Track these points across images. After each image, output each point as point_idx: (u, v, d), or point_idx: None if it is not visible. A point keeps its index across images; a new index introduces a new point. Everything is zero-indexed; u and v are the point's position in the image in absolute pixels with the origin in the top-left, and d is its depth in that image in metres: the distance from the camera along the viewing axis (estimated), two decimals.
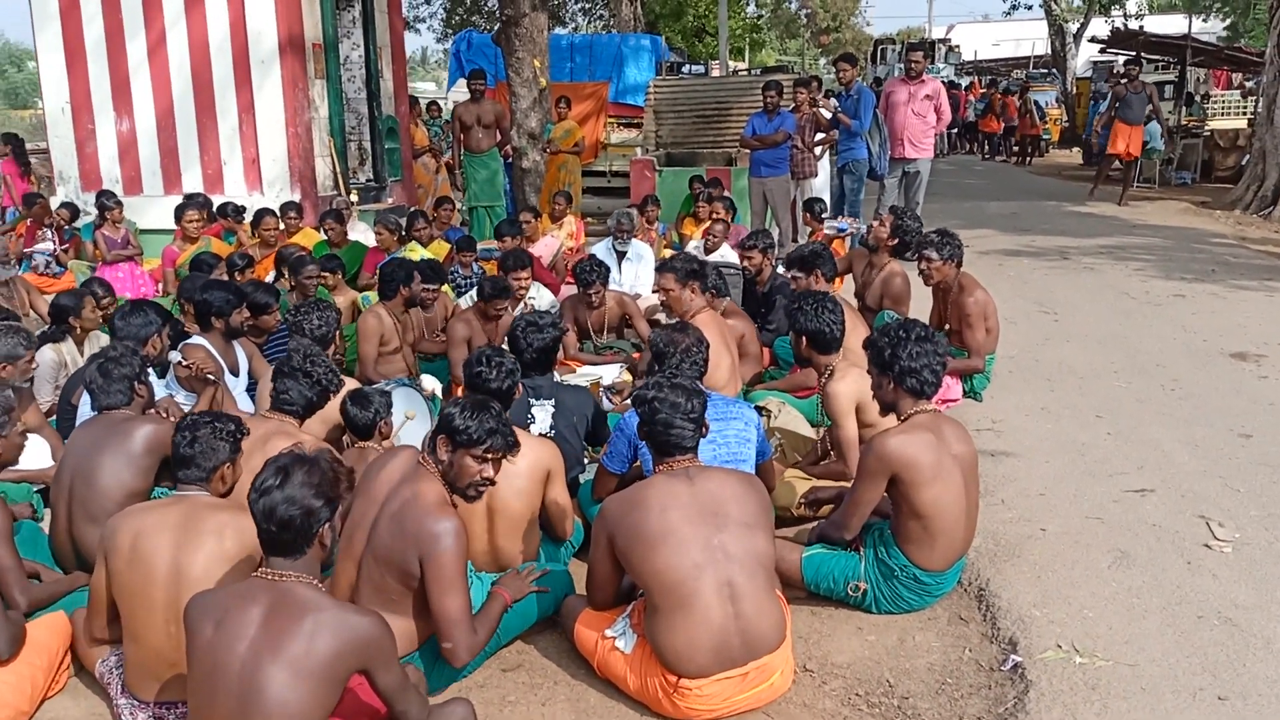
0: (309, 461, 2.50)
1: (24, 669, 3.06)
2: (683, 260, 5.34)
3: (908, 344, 3.48)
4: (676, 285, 5.20)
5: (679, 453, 3.10)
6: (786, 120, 9.83)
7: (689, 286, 5.20)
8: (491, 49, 15.91)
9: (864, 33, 53.70)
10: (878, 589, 3.56)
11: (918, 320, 3.70)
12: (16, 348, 4.62)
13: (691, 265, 5.29)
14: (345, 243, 8.32)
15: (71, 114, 10.20)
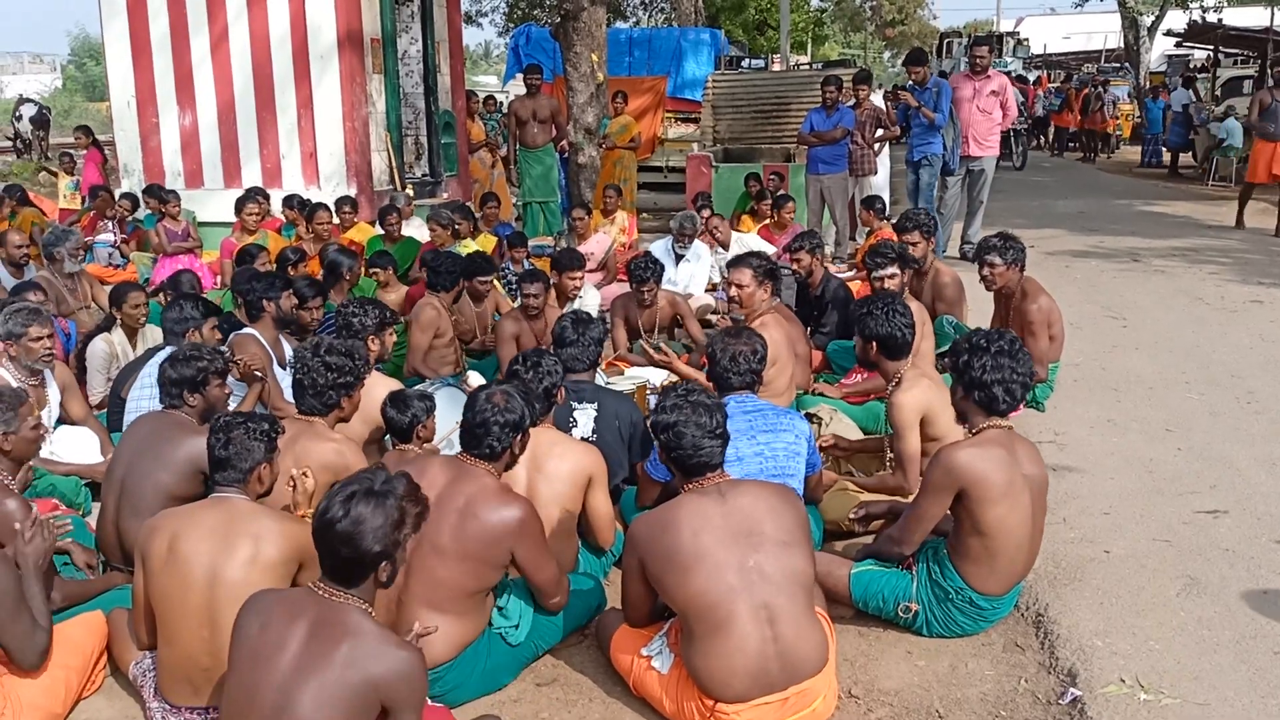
0: (377, 497, 2.40)
1: (57, 671, 3.04)
2: (760, 258, 5.23)
3: (984, 355, 3.31)
4: (752, 282, 5.12)
5: (707, 471, 2.99)
6: (846, 116, 9.63)
7: (764, 286, 5.10)
8: (550, 43, 15.86)
9: (930, 25, 52.72)
10: (930, 611, 3.41)
11: (1008, 332, 3.49)
12: (18, 325, 4.61)
13: (769, 265, 5.19)
14: (401, 238, 8.31)
15: (136, 108, 10.35)
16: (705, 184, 11.03)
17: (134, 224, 9.90)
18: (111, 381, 5.41)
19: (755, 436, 3.59)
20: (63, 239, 6.93)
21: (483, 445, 3.15)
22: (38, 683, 2.98)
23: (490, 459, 3.17)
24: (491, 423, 3.13)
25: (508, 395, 3.21)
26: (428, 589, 3.02)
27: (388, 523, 2.39)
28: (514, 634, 3.24)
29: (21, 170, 19.05)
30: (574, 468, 3.56)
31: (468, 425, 3.17)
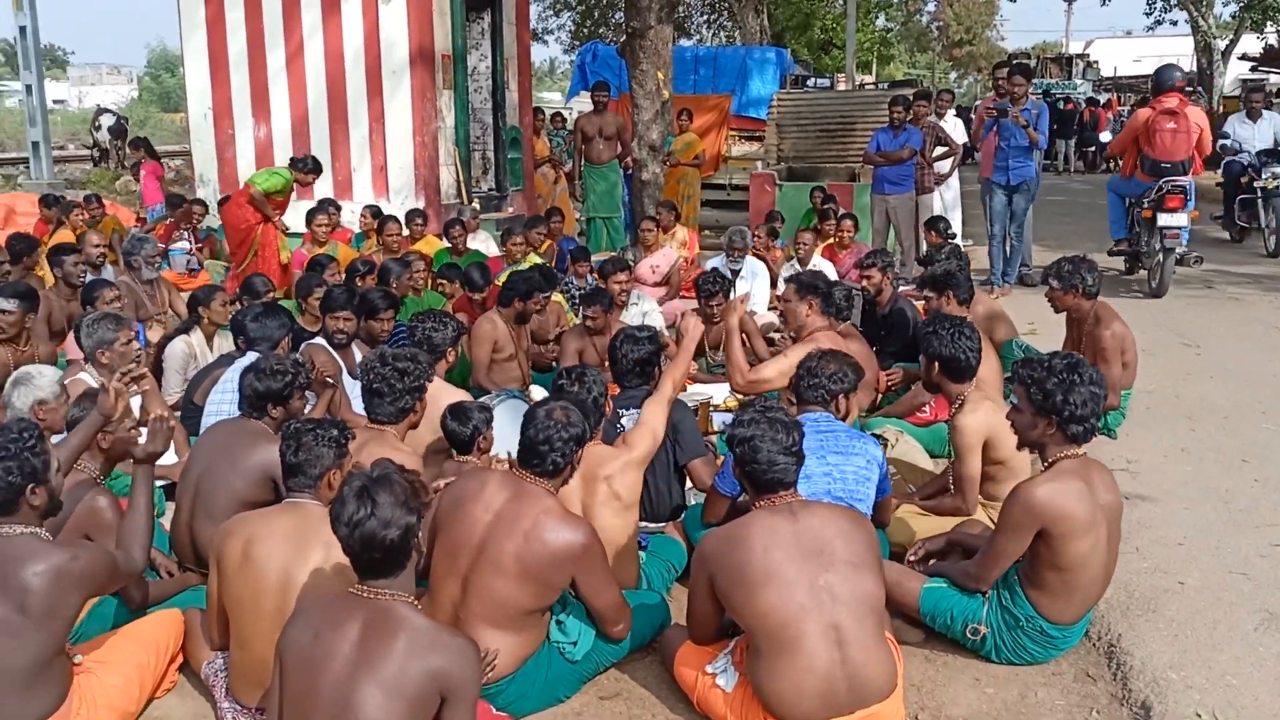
0: (384, 479, 2.45)
1: (132, 671, 3.10)
2: (809, 275, 5.21)
3: (1080, 388, 3.19)
4: (794, 297, 5.09)
5: (780, 489, 2.96)
6: (913, 136, 9.56)
7: (806, 301, 5.06)
8: (616, 61, 16.01)
9: (997, 47, 52.23)
10: (999, 636, 3.35)
11: (1085, 360, 3.38)
12: (108, 332, 4.73)
13: (815, 281, 5.15)
14: (466, 250, 8.42)
15: (213, 120, 10.63)
16: (769, 202, 11.02)
17: (207, 231, 10.15)
18: (187, 383, 5.54)
19: (825, 457, 3.57)
20: (140, 246, 7.13)
21: (546, 461, 3.12)
22: (113, 683, 3.03)
23: (551, 476, 3.15)
24: (555, 438, 3.11)
25: (567, 409, 3.20)
26: (487, 606, 3.03)
27: (407, 495, 2.44)
28: (572, 650, 3.24)
29: (100, 178, 19.64)
30: (632, 484, 3.56)
31: (528, 442, 3.14)
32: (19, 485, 2.82)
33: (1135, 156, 9.03)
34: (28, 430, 2.92)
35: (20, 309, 5.45)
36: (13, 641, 2.72)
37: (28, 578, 2.74)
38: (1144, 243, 9.19)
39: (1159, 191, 8.65)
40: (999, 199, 9.47)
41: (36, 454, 2.87)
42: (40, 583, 2.74)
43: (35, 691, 2.79)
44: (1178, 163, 8.63)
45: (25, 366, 4.19)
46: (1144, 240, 9.17)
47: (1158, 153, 8.64)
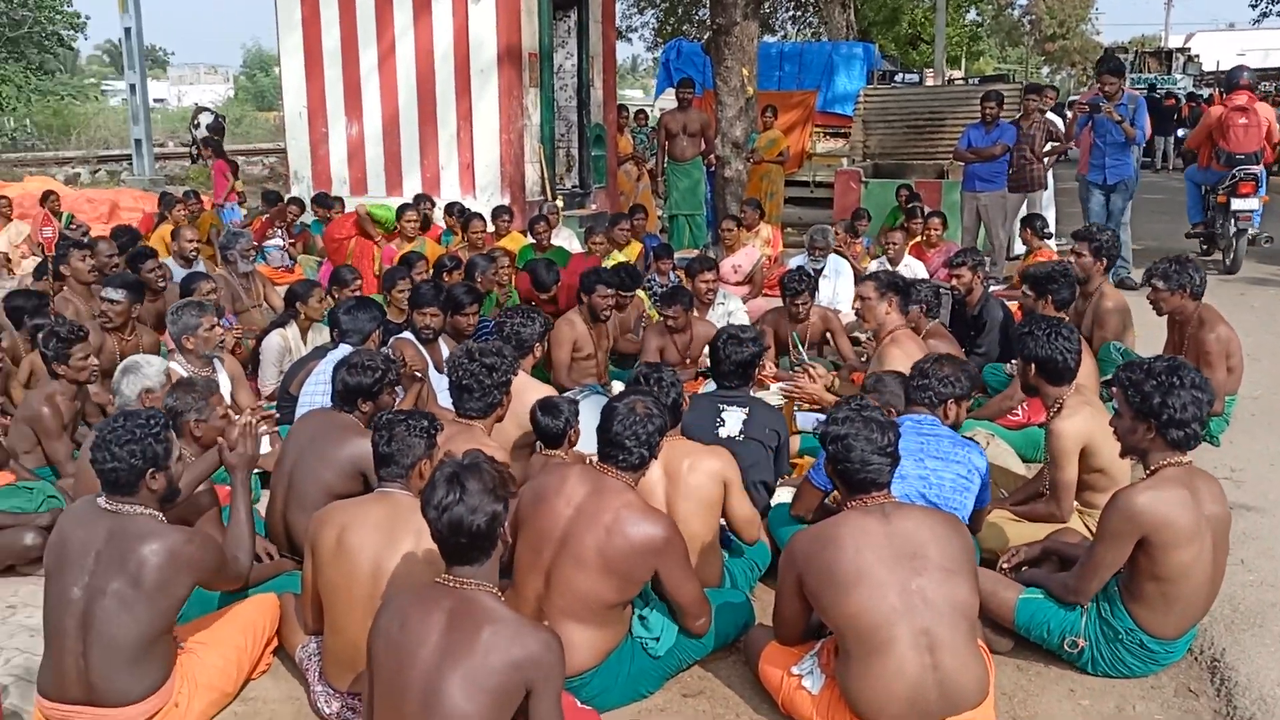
0: (472, 468, 2.50)
1: (231, 652, 3.20)
2: (889, 274, 5.13)
3: (1181, 391, 3.09)
4: (874, 294, 5.02)
5: (874, 489, 2.91)
6: (1006, 132, 9.32)
7: (886, 299, 4.99)
8: (700, 57, 15.97)
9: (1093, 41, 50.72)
10: (1097, 649, 3.25)
11: (1185, 362, 3.27)
12: (192, 318, 4.88)
13: (896, 279, 5.07)
14: (550, 247, 8.48)
15: (308, 118, 10.89)
16: (854, 199, 10.89)
17: (300, 227, 10.40)
18: (283, 374, 5.69)
19: (924, 460, 3.50)
20: (235, 241, 7.34)
21: (632, 455, 3.13)
22: (213, 663, 3.14)
23: (634, 469, 3.17)
24: (637, 432, 3.12)
25: (647, 403, 3.21)
26: (570, 600, 3.04)
27: (495, 483, 2.47)
28: (655, 646, 3.24)
29: (198, 175, 20.27)
30: (709, 474, 3.53)
31: (609, 436, 3.15)
32: (140, 469, 2.96)
33: (1210, 149, 9.83)
34: (154, 418, 3.07)
35: (127, 299, 5.67)
36: (126, 615, 2.84)
37: (145, 555, 2.87)
38: (1219, 225, 9.89)
39: (1233, 179, 9.43)
40: (1096, 198, 9.21)
41: (160, 440, 3.01)
42: (156, 560, 2.87)
43: (143, 667, 2.91)
44: (1250, 153, 9.46)
45: (134, 356, 4.35)
46: (1219, 223, 9.89)
47: (1231, 145, 9.47)
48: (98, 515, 2.97)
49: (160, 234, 9.14)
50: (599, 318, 6.03)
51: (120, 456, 2.93)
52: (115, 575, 2.85)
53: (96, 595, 2.84)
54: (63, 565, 2.92)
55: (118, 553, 2.88)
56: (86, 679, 2.85)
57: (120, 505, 2.97)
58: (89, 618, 2.84)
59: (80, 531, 2.95)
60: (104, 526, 2.93)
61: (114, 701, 2.87)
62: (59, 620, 2.88)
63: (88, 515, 2.99)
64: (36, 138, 30.04)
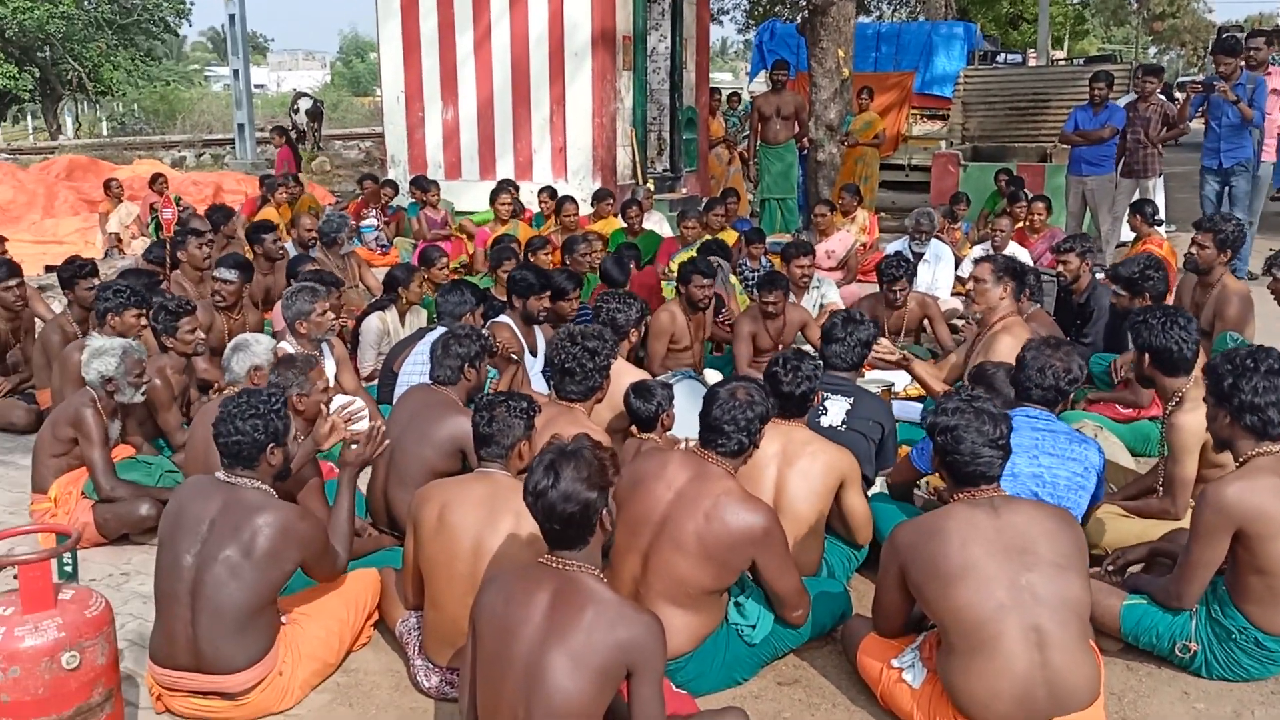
0: (574, 454, 2.50)
1: (333, 624, 3.28)
2: (1006, 258, 4.99)
3: (1254, 375, 3.01)
4: (990, 277, 4.88)
5: (983, 482, 2.84)
6: (1115, 114, 8.99)
7: (1003, 284, 4.84)
8: (794, 39, 15.76)
9: (1204, 20, 48.62)
10: (1210, 650, 3.13)
11: (1272, 349, 3.18)
12: (305, 304, 4.99)
13: (1015, 265, 4.93)
14: (641, 230, 8.49)
15: (405, 103, 11.08)
16: (952, 183, 10.65)
17: (394, 209, 10.59)
18: (382, 356, 5.81)
19: (1038, 457, 3.40)
20: (342, 225, 7.50)
21: (731, 441, 3.11)
22: (316, 634, 3.23)
23: (733, 456, 3.14)
24: (738, 418, 3.10)
25: (749, 390, 3.18)
26: (667, 584, 3.04)
27: (594, 470, 2.46)
28: (751, 633, 3.23)
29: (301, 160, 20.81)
30: (826, 467, 3.50)
31: (711, 421, 3.14)
32: (263, 443, 3.10)
33: None
34: (276, 395, 3.22)
35: (239, 279, 5.85)
36: (235, 583, 2.94)
37: (259, 525, 2.97)
38: None
39: None
40: (1209, 186, 8.76)
41: (281, 416, 3.16)
42: (269, 532, 2.97)
43: (248, 636, 3.00)
44: None
45: (244, 334, 4.48)
46: None
47: None
48: (215, 486, 3.09)
49: (264, 216, 9.39)
50: (698, 307, 6.01)
51: (244, 430, 3.06)
52: (228, 544, 2.95)
53: (208, 562, 2.94)
54: (176, 533, 3.03)
55: (232, 522, 2.98)
56: (195, 645, 2.95)
57: (238, 478, 3.08)
58: (199, 585, 2.94)
59: (197, 501, 3.06)
60: (220, 497, 3.04)
61: (221, 668, 2.97)
62: (170, 587, 2.99)
63: (205, 486, 3.12)
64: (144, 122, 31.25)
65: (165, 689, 3.05)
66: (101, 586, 3.89)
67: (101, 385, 4.28)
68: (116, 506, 4.18)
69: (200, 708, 3.04)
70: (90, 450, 4.18)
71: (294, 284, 5.30)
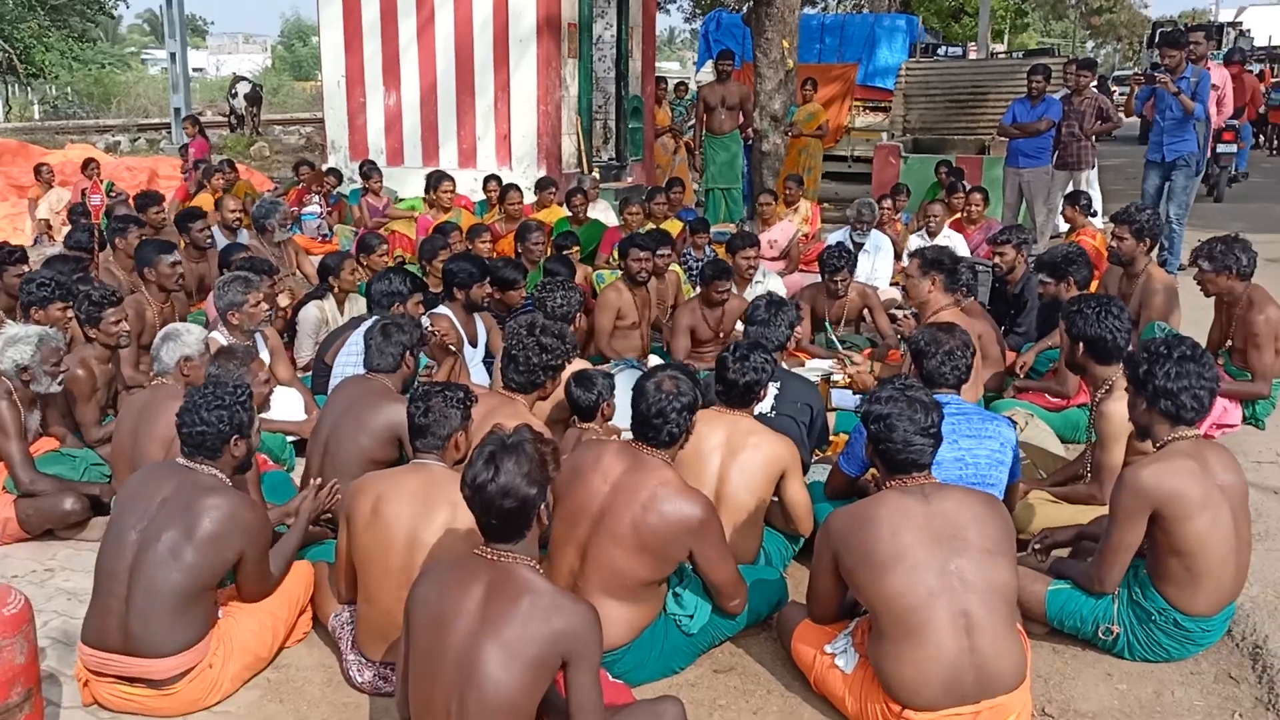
0: (515, 447, 2.47)
1: (267, 618, 3.23)
2: (934, 250, 5.04)
3: (1167, 362, 3.11)
4: (917, 272, 4.94)
5: (914, 470, 2.88)
6: (1052, 107, 9.13)
7: (930, 277, 4.89)
8: (740, 29, 15.80)
9: (1140, 15, 49.65)
10: (1132, 633, 3.21)
11: (1187, 337, 3.28)
12: (238, 294, 4.89)
13: (940, 256, 4.97)
14: (586, 219, 8.46)
15: (346, 87, 10.91)
16: (893, 175, 10.75)
17: (336, 196, 10.43)
18: (318, 345, 5.72)
19: (957, 441, 3.45)
20: (273, 210, 7.34)
21: (662, 433, 3.12)
22: (248, 628, 3.18)
23: (667, 446, 3.15)
24: (669, 409, 3.10)
25: (676, 379, 3.19)
26: (605, 577, 3.04)
27: (534, 465, 2.45)
28: (689, 623, 3.24)
29: (235, 144, 20.43)
30: (768, 457, 3.52)
31: (641, 414, 3.14)
32: (227, 434, 3.11)
33: None
34: (241, 387, 3.23)
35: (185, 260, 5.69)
36: (174, 564, 2.91)
37: (206, 505, 2.97)
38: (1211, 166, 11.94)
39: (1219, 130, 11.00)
40: (1151, 180, 8.76)
41: (246, 409, 3.18)
42: (215, 514, 2.97)
43: (181, 621, 2.96)
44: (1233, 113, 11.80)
45: (174, 324, 4.38)
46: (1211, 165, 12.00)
47: None
48: (173, 470, 3.11)
49: (199, 203, 9.21)
50: (637, 280, 6.03)
51: (209, 421, 3.07)
52: (173, 523, 2.94)
53: (151, 541, 2.93)
54: (126, 510, 3.02)
55: (181, 502, 2.98)
56: (126, 624, 2.91)
57: (198, 465, 3.09)
58: (139, 562, 2.91)
59: (152, 482, 3.08)
60: (176, 480, 3.05)
61: (148, 651, 2.92)
62: (111, 564, 2.96)
63: (164, 469, 3.15)
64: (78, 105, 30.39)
65: (93, 673, 3.00)
66: (24, 583, 3.79)
67: (16, 375, 4.16)
68: (39, 501, 4.06)
69: (126, 696, 2.98)
70: (6, 443, 4.06)
71: (226, 273, 5.19)
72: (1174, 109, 8.50)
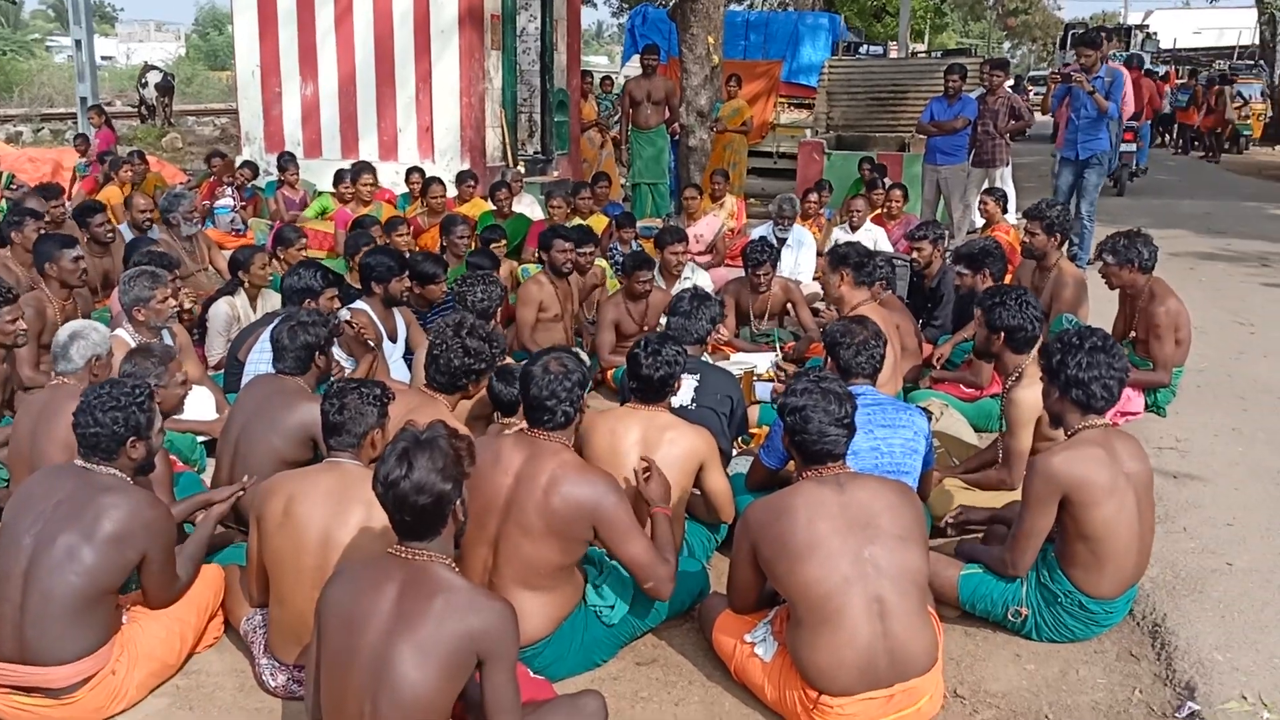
0: (428, 443, 2.43)
1: (174, 624, 3.13)
2: (844, 247, 5.12)
3: (1079, 352, 3.22)
4: (826, 270, 5.04)
5: (829, 460, 2.92)
6: (968, 106, 9.33)
7: (838, 273, 4.96)
8: (666, 24, 15.80)
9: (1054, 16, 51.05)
10: (1040, 614, 3.31)
11: (1098, 329, 3.40)
12: (144, 289, 4.72)
13: (846, 252, 5.03)
14: (511, 214, 8.41)
15: (260, 77, 10.67)
16: (817, 171, 10.89)
17: (252, 190, 10.20)
18: (230, 343, 5.58)
19: (873, 431, 3.52)
20: (177, 203, 7.11)
21: (557, 414, 3.11)
22: (156, 634, 3.08)
23: (563, 427, 3.15)
24: (559, 390, 3.09)
25: (560, 360, 3.18)
26: (517, 568, 3.03)
27: (448, 460, 2.41)
28: (609, 614, 3.23)
29: (146, 135, 19.86)
30: (685, 451, 3.53)
31: (533, 400, 3.13)
32: (123, 436, 2.98)
33: None
34: (139, 387, 3.10)
35: None
36: (71, 567, 2.81)
37: (104, 505, 2.87)
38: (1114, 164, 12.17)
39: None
40: (1065, 176, 8.94)
41: (144, 409, 3.05)
42: (114, 514, 2.87)
43: (79, 627, 2.85)
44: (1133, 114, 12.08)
45: (79, 322, 4.22)
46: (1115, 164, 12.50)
47: None
48: (69, 471, 2.99)
49: (105, 196, 8.91)
50: (561, 272, 6.01)
51: (103, 422, 2.96)
52: (70, 525, 2.84)
53: (46, 544, 2.82)
54: (20, 513, 2.90)
55: (78, 504, 2.87)
56: (20, 633, 2.80)
57: (96, 466, 2.98)
58: (34, 566, 2.80)
59: (46, 483, 2.97)
60: (73, 480, 2.94)
61: (45, 659, 2.81)
62: (5, 568, 2.84)
63: (61, 471, 3.02)
64: None
65: None
66: None
67: None
68: None
69: (22, 706, 2.85)
70: None
71: (131, 268, 5.01)
72: (1089, 108, 8.67)
